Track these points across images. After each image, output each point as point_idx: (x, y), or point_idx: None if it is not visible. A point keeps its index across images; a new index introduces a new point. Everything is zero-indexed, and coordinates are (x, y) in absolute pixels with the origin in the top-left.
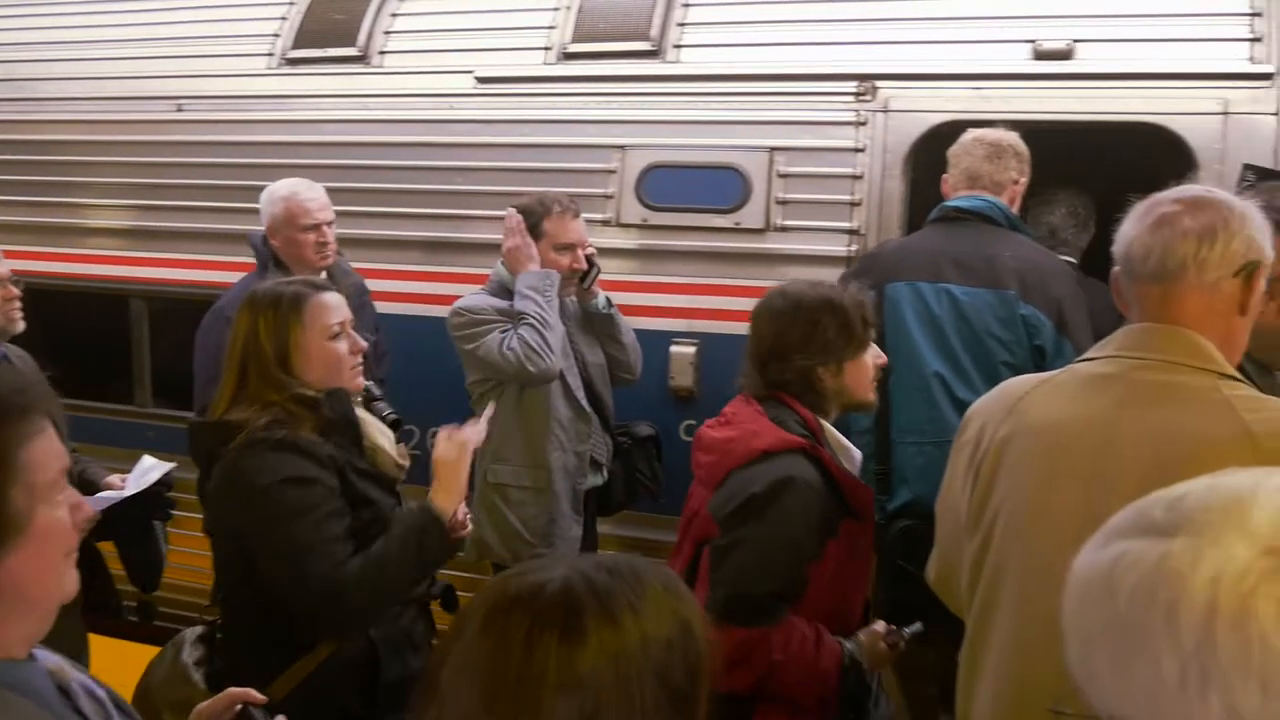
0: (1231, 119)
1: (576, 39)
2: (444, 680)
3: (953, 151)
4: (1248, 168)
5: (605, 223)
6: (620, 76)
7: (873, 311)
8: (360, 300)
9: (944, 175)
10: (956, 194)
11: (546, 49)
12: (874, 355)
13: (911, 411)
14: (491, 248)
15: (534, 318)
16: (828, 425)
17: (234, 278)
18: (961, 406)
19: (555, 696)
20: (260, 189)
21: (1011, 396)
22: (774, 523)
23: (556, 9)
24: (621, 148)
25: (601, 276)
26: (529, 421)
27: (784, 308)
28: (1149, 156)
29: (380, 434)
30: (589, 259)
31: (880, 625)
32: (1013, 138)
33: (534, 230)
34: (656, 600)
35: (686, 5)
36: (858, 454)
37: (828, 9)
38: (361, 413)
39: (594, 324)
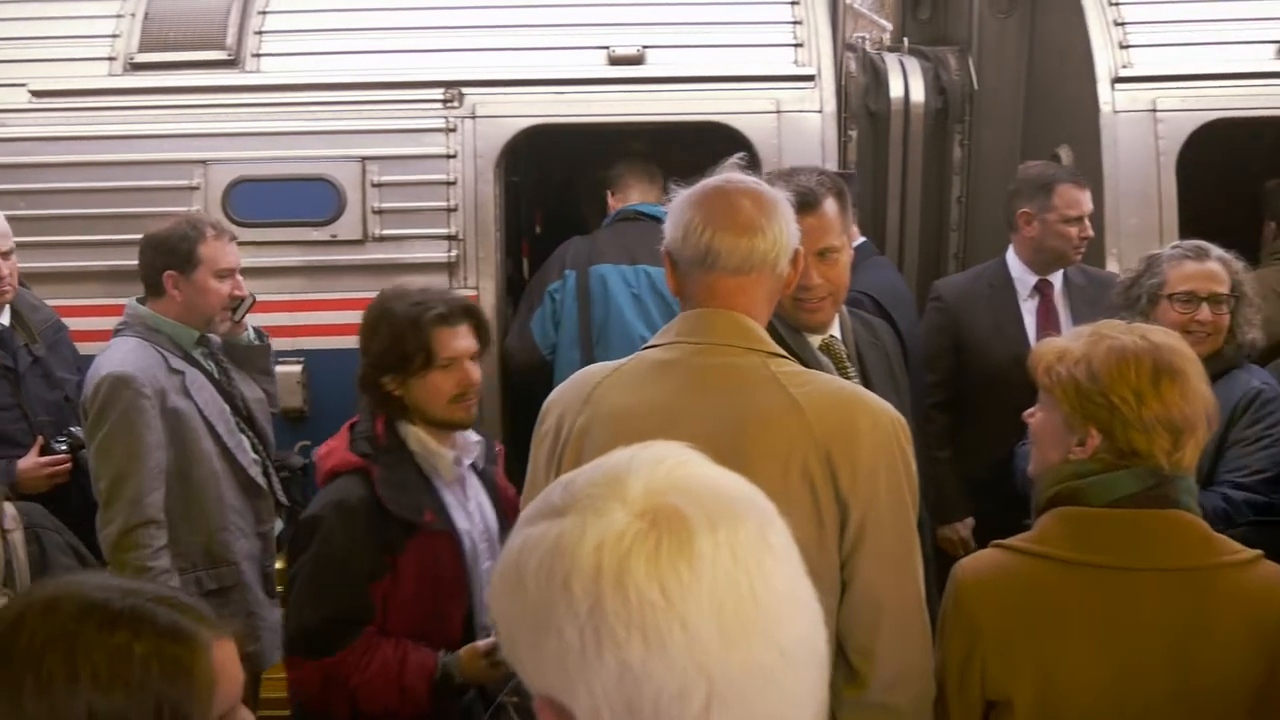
0: (784, 117)
1: (144, 48)
2: None
3: (615, 173)
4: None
5: None
6: (196, 88)
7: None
8: (56, 337)
9: (610, 191)
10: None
11: (111, 59)
12: (455, 379)
13: None
14: (61, 276)
15: None
16: (421, 434)
17: None
18: None
19: None
20: None
21: (586, 386)
22: (320, 549)
23: (120, 16)
24: (203, 162)
25: None
26: (197, 517)
27: (367, 310)
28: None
29: None
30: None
31: (483, 642)
32: (654, 163)
33: (188, 258)
34: (128, 646)
35: (263, 13)
36: (449, 462)
37: (412, 17)
38: None
39: (247, 358)
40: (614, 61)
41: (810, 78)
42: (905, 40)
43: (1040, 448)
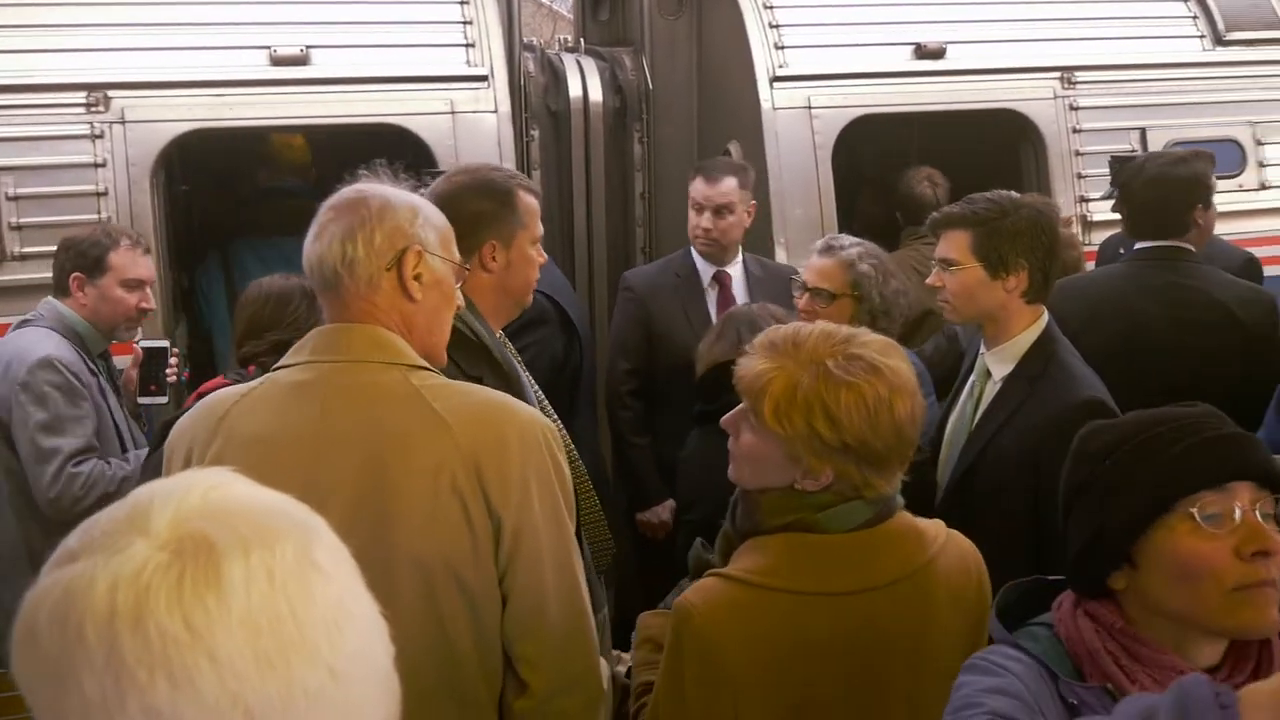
0: (459, 118)
1: None
2: None
3: (268, 153)
4: None
5: None
6: None
7: None
8: None
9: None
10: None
11: None
12: None
13: None
14: None
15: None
16: None
17: None
18: None
19: None
20: None
21: (215, 414)
22: None
23: None
24: None
25: None
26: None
27: (257, 295)
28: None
29: None
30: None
31: None
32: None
33: (96, 263)
34: None
35: None
36: None
37: (49, 14)
38: None
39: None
40: (276, 62)
41: (483, 78)
42: (582, 41)
43: (757, 468)
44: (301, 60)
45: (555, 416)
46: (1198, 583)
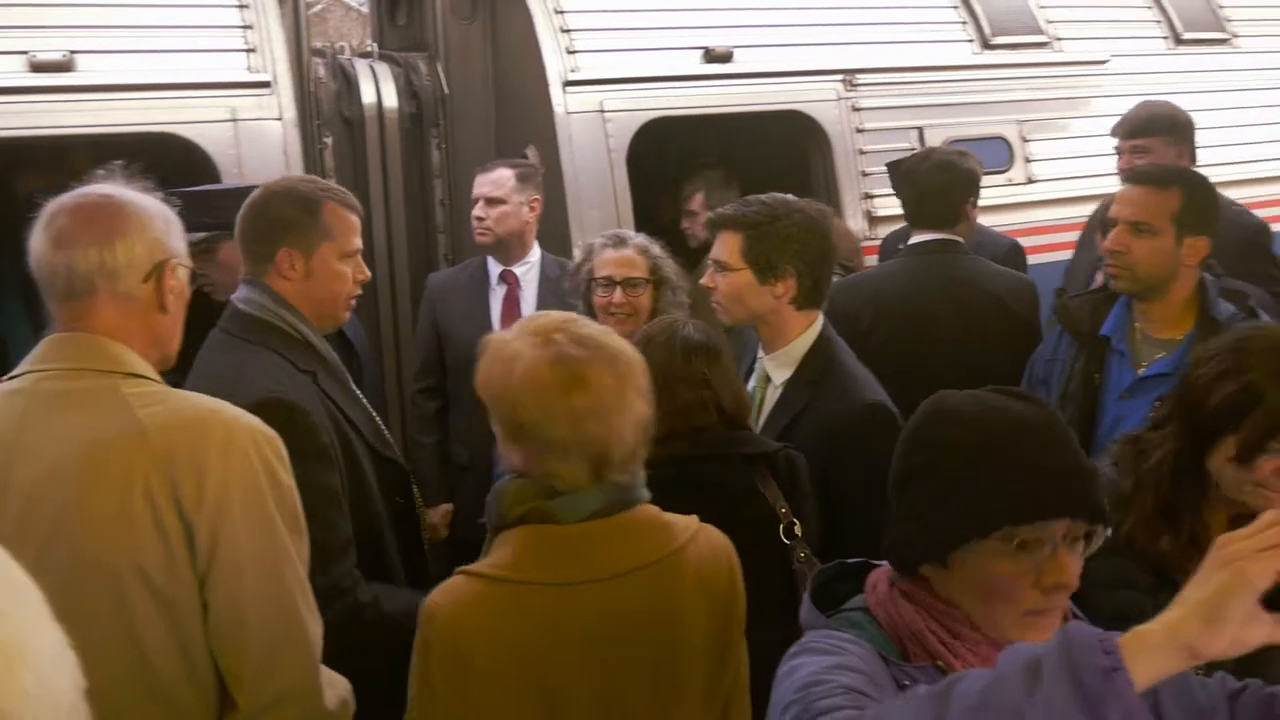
0: (241, 125)
1: None
2: None
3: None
4: None
5: None
6: None
7: None
8: None
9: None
10: None
11: None
12: None
13: None
14: None
15: None
16: None
17: None
18: None
19: None
20: None
21: None
22: None
23: None
24: None
25: None
26: None
27: None
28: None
29: None
30: None
31: None
32: None
33: None
34: None
35: None
36: None
37: None
38: None
39: None
40: (36, 68)
41: (266, 84)
42: (374, 46)
43: (505, 457)
44: (65, 66)
45: (376, 414)
46: (996, 603)
